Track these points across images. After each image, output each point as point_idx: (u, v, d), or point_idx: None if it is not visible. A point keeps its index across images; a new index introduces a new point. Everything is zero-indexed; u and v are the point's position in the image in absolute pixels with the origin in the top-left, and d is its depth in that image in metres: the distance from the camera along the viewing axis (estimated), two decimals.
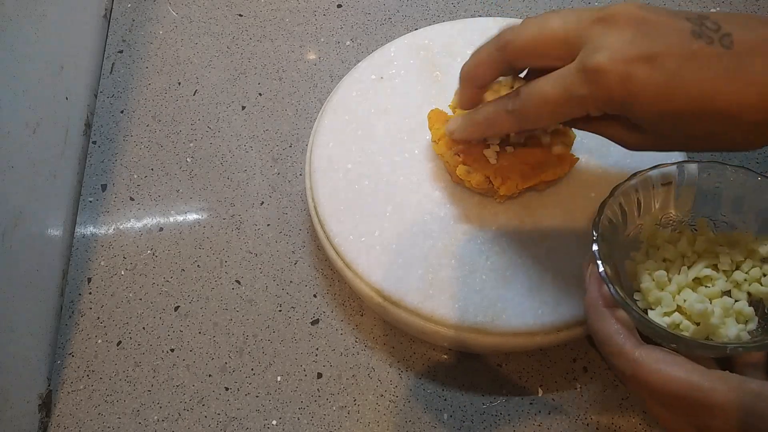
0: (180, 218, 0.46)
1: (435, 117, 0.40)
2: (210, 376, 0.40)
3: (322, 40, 0.54)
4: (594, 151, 0.40)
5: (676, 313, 0.30)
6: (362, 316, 0.41)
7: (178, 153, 0.49)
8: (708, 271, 0.31)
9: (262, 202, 0.46)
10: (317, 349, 0.41)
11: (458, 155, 0.38)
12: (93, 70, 0.53)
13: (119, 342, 0.42)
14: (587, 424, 0.37)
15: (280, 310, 0.42)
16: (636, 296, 0.31)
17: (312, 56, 0.53)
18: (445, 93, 0.43)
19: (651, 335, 0.28)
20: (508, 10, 0.54)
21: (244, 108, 0.51)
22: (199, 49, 0.54)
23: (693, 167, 0.32)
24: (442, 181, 0.40)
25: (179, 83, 0.52)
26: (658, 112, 0.28)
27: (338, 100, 0.44)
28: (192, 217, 0.46)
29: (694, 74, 0.27)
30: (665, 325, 0.29)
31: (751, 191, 0.31)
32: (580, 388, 0.39)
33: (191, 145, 0.49)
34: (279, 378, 0.40)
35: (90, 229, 0.46)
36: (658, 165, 0.32)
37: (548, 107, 0.30)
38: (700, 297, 0.30)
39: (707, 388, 0.25)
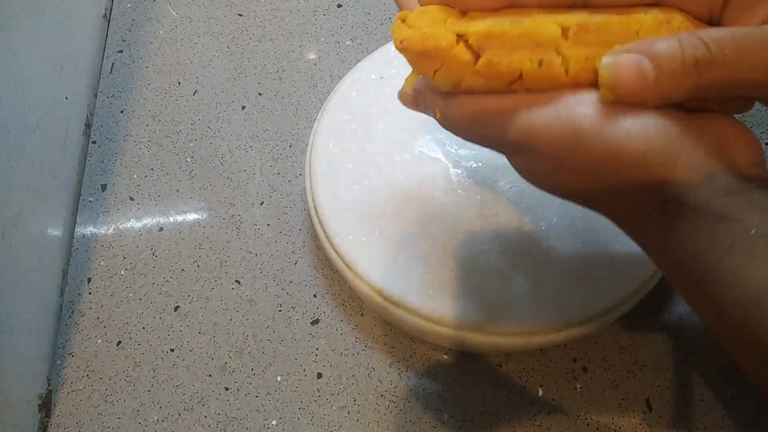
0: (180, 218, 0.46)
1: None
2: (210, 376, 0.40)
3: (322, 39, 0.54)
4: None
5: None
6: (362, 316, 0.41)
7: (178, 153, 0.49)
8: None
9: (262, 202, 0.46)
10: (317, 349, 0.41)
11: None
12: (93, 70, 0.53)
13: (119, 342, 0.42)
14: (587, 424, 0.37)
15: (280, 310, 0.42)
16: None
17: (312, 56, 0.53)
18: None
19: None
20: None
21: (244, 108, 0.51)
22: (199, 49, 0.54)
23: None
24: (442, 180, 0.40)
25: (179, 83, 0.52)
26: None
27: (338, 100, 0.44)
28: (192, 217, 0.46)
29: None
30: None
31: None
32: (580, 388, 0.39)
33: (191, 144, 0.49)
34: (279, 378, 0.40)
35: (90, 229, 0.46)
36: None
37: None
38: None
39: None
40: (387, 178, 0.41)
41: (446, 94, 0.26)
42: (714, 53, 0.21)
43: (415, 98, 0.27)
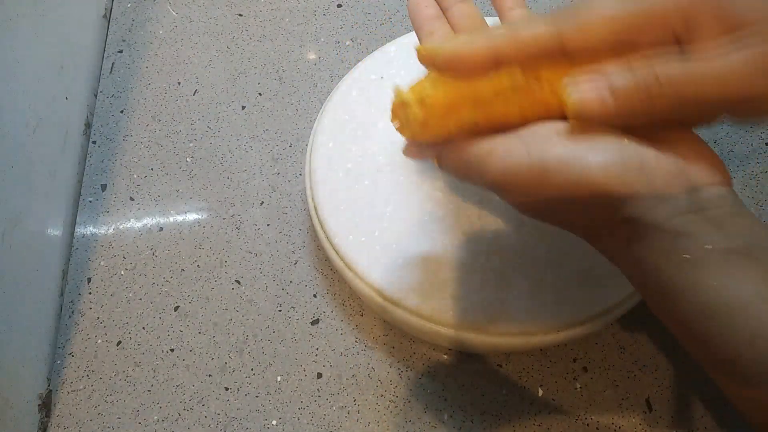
0: (180, 218, 0.46)
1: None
2: (210, 376, 0.40)
3: (322, 39, 0.54)
4: None
5: None
6: (362, 316, 0.41)
7: (177, 153, 0.49)
8: None
9: (262, 202, 0.46)
10: (317, 349, 0.41)
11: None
12: (93, 70, 0.53)
13: (119, 342, 0.42)
14: (587, 424, 0.37)
15: (280, 310, 0.42)
16: None
17: (312, 56, 0.53)
18: None
19: None
20: None
21: (244, 108, 0.51)
22: (198, 49, 0.54)
23: None
24: (442, 180, 0.40)
25: (179, 83, 0.52)
26: None
27: (338, 99, 0.44)
28: (192, 217, 0.46)
29: None
30: None
31: None
32: (580, 388, 0.39)
33: (191, 145, 0.49)
34: (279, 378, 0.40)
35: (90, 229, 0.46)
36: None
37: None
38: None
39: None
40: (387, 178, 0.41)
41: (438, 145, 0.29)
42: (663, 87, 0.24)
43: (417, 150, 0.30)
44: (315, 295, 0.42)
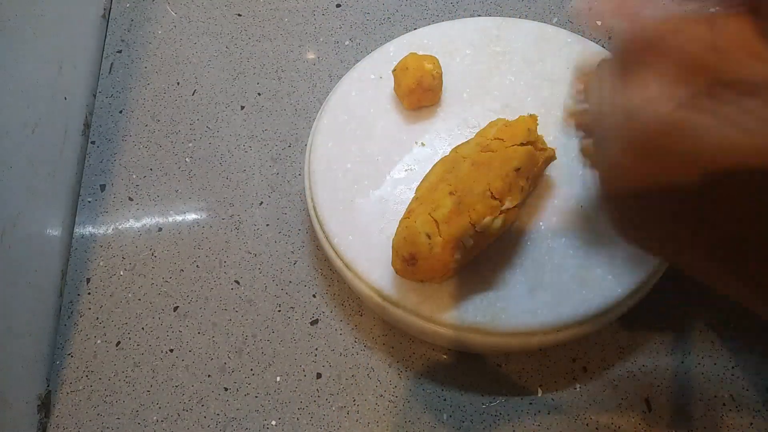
0: (179, 218, 0.46)
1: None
2: (209, 376, 0.40)
3: (321, 39, 0.54)
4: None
5: None
6: (361, 316, 0.41)
7: (177, 153, 0.49)
8: None
9: (261, 202, 0.46)
10: (316, 349, 0.41)
11: None
12: (92, 70, 0.53)
13: (118, 342, 0.42)
14: (587, 424, 0.37)
15: (279, 311, 0.42)
16: None
17: (311, 56, 0.53)
18: (443, 92, 0.43)
19: None
20: (508, 10, 0.54)
21: (243, 108, 0.51)
22: (198, 49, 0.54)
23: None
24: None
25: (178, 83, 0.52)
26: None
27: (337, 99, 0.44)
28: (191, 217, 0.46)
29: None
30: None
31: None
32: (580, 388, 0.39)
33: (190, 145, 0.49)
34: (278, 378, 0.40)
35: (89, 230, 0.46)
36: None
37: None
38: None
39: None
40: (386, 177, 0.41)
41: None
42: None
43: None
44: (314, 296, 0.42)
